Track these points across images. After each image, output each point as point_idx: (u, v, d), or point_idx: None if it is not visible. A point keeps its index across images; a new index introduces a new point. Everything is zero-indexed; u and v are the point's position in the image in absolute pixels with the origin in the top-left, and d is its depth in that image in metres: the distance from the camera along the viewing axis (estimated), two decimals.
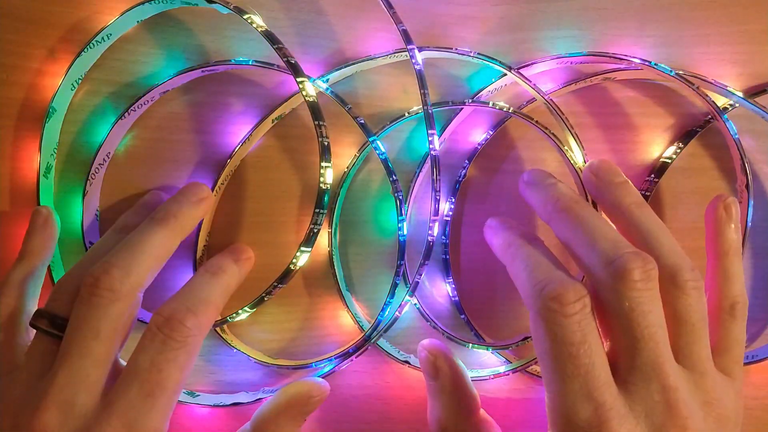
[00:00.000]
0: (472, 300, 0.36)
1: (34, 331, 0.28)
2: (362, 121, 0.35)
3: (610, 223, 0.29)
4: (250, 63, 0.36)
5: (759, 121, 0.35)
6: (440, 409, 0.32)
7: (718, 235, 0.31)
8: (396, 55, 0.35)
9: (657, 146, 0.36)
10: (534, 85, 0.34)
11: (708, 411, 0.26)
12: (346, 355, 0.34)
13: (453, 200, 0.36)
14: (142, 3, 0.34)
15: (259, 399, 0.34)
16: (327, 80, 0.36)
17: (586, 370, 0.24)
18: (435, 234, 0.32)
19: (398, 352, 0.36)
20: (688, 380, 0.26)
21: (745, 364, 0.32)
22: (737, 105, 0.35)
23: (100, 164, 0.35)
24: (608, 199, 0.30)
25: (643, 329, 0.25)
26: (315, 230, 0.31)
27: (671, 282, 0.26)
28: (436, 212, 0.32)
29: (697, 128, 0.36)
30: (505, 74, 0.35)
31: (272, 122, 0.36)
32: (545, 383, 0.26)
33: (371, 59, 0.36)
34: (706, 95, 0.34)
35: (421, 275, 0.32)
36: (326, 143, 0.31)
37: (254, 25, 0.32)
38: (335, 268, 0.36)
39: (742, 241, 0.32)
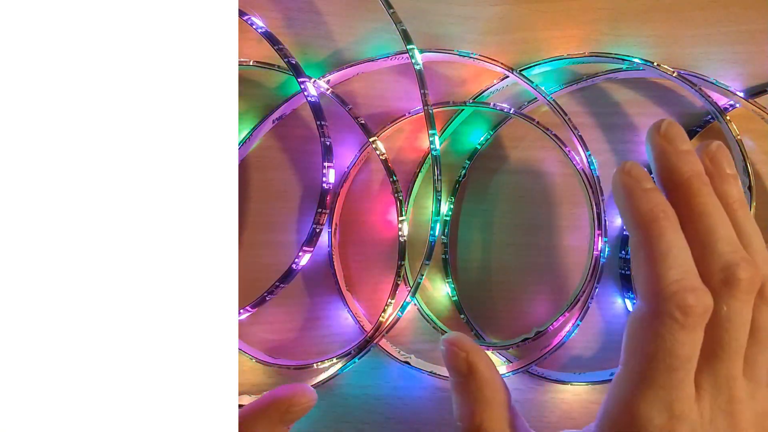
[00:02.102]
0: (472, 300, 0.36)
1: None
2: (362, 122, 0.35)
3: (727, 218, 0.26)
4: (251, 63, 0.36)
5: (759, 122, 0.35)
6: (474, 404, 0.29)
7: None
8: (397, 56, 0.35)
9: None
10: (537, 87, 0.34)
11: (760, 422, 0.26)
12: (348, 356, 0.34)
13: (452, 200, 0.36)
14: None
15: None
16: (328, 81, 0.36)
17: (679, 383, 0.24)
18: (437, 234, 0.32)
19: (399, 351, 0.36)
20: (748, 390, 0.25)
21: None
22: (737, 105, 0.35)
23: None
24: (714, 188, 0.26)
25: (733, 340, 0.24)
26: (317, 230, 0.31)
27: (758, 292, 0.25)
28: (438, 212, 0.32)
29: (697, 128, 0.36)
30: (507, 76, 0.35)
31: (273, 123, 0.36)
32: (623, 369, 0.25)
33: (372, 61, 0.36)
34: (708, 96, 0.34)
35: (423, 275, 0.32)
36: (328, 143, 0.31)
37: (254, 26, 0.32)
38: (335, 268, 0.36)
39: None
